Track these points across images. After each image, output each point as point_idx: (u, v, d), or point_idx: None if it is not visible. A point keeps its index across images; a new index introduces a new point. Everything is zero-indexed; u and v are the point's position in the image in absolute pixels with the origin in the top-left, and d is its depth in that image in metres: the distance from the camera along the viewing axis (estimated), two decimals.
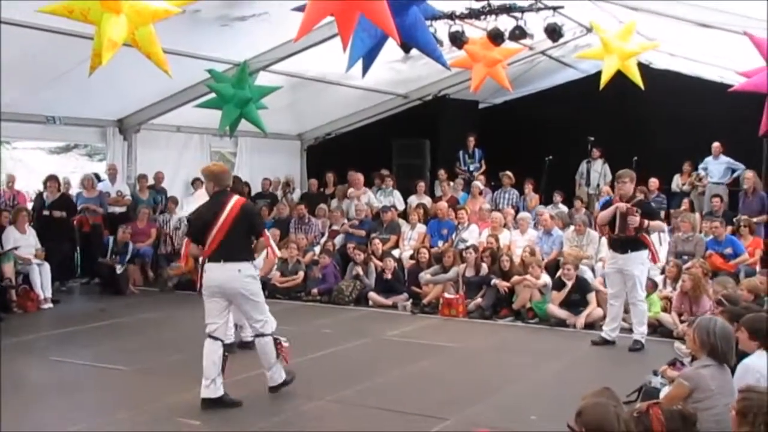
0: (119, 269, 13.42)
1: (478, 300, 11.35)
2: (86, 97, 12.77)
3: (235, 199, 6.86)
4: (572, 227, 12.47)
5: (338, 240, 14.21)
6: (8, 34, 9.86)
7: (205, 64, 11.96)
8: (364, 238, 13.86)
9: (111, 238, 13.76)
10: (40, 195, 14.02)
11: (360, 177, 15.75)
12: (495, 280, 11.34)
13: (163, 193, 15.40)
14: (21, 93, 12.07)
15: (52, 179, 13.72)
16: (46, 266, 12.17)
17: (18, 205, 13.46)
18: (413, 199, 15.40)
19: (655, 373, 6.49)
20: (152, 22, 6.93)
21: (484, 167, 16.32)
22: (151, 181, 15.21)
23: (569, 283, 10.68)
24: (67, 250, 13.65)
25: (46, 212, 13.28)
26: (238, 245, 6.76)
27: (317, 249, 13.63)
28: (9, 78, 11.32)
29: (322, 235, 14.42)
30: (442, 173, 15.99)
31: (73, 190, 15.44)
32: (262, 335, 6.96)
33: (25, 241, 12.29)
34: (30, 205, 14.11)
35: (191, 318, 10.55)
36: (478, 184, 15.26)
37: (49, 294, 12.09)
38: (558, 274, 11.01)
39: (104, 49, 6.52)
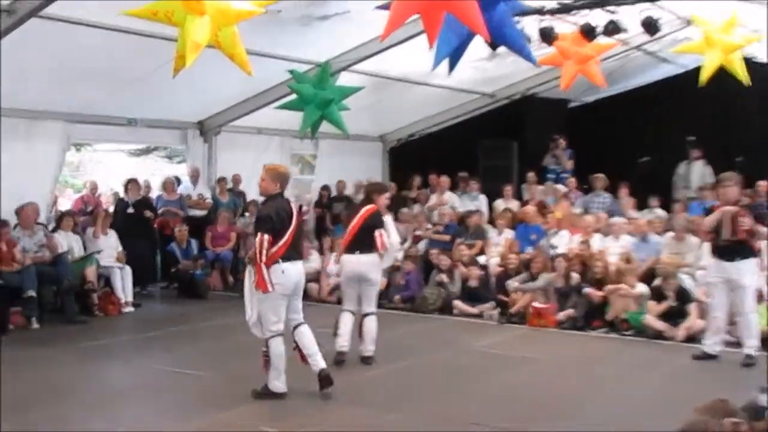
0: (199, 274, 13.72)
1: (569, 310, 11.22)
2: (167, 99, 13.09)
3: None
4: (670, 233, 12.22)
5: (421, 246, 14.22)
6: (92, 38, 10.20)
7: (286, 65, 12.12)
8: (449, 243, 13.84)
9: (193, 242, 14.08)
10: (121, 199, 14.41)
11: (444, 180, 15.74)
12: (587, 289, 11.18)
13: (242, 196, 15.66)
14: (103, 95, 12.43)
15: (132, 182, 14.17)
16: (128, 270, 12.55)
17: (100, 208, 13.92)
18: (500, 203, 15.31)
19: (764, 391, 6.29)
20: (235, 23, 7.07)
21: (572, 167, 16.12)
22: (229, 184, 15.49)
23: (668, 293, 10.45)
24: (147, 252, 14.01)
25: (131, 210, 13.65)
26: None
27: (400, 255, 13.67)
28: (91, 80, 11.73)
29: (405, 240, 14.46)
30: (530, 176, 15.85)
31: (153, 193, 15.86)
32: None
33: (107, 243, 12.72)
34: (111, 209, 14.55)
35: None
36: (562, 187, 15.10)
37: (130, 298, 12.46)
38: (655, 282, 10.79)
39: (188, 51, 6.68)
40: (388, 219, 9.03)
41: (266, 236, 6.97)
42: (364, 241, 8.58)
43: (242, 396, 7.41)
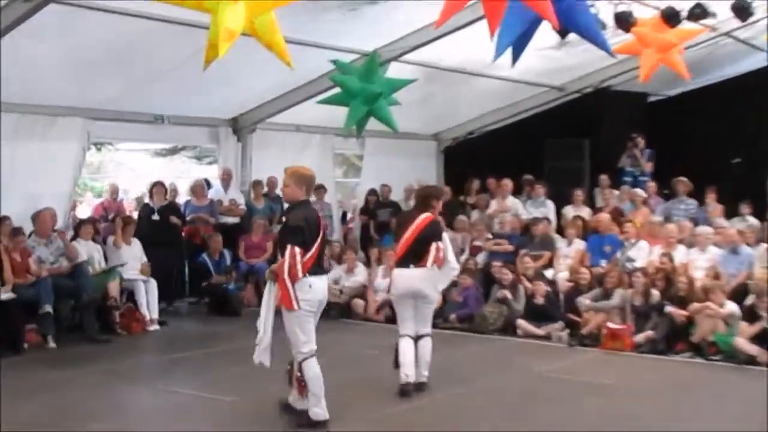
0: (232, 288, 13.84)
1: (649, 331, 11.11)
2: (197, 93, 13.23)
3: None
4: (764, 244, 12.04)
5: (481, 258, 14.19)
6: (112, 24, 10.28)
7: (329, 55, 12.17)
8: (511, 255, 13.79)
9: (225, 252, 14.20)
10: (146, 205, 14.58)
11: (507, 183, 15.71)
12: (669, 308, 11.07)
13: (279, 202, 15.76)
14: (125, 89, 12.59)
15: (158, 185, 14.33)
16: (153, 283, 12.68)
17: (123, 214, 14.10)
18: (569, 210, 15.23)
19: None
20: (273, 9, 7.11)
21: (651, 169, 15.97)
22: (265, 188, 15.60)
23: (762, 313, 10.30)
24: (174, 264, 14.17)
25: (156, 217, 13.81)
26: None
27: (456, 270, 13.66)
28: (112, 72, 11.86)
29: (462, 251, 14.42)
30: (603, 179, 15.73)
31: (181, 198, 16.03)
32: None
33: (130, 253, 12.86)
34: (135, 215, 14.74)
35: None
36: (640, 192, 14.97)
37: (155, 315, 12.59)
38: (747, 301, 10.64)
39: (221, 40, 6.72)
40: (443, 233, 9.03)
41: (297, 249, 7.01)
42: (419, 254, 8.58)
43: (280, 425, 7.45)
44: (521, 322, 12.14)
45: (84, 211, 16.83)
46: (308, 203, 7.44)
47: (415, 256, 8.56)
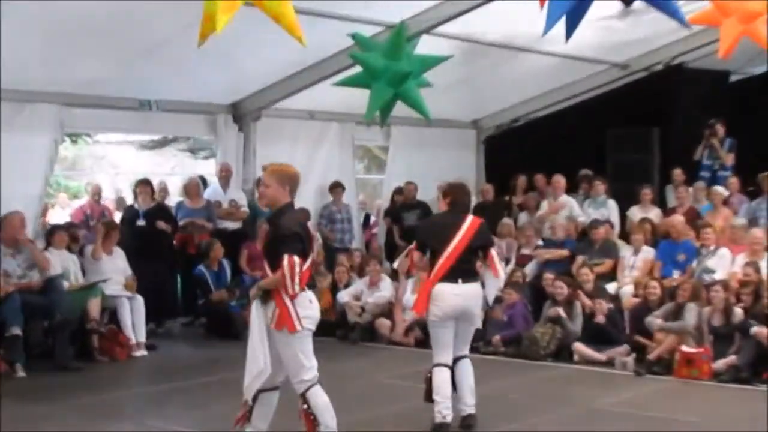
0: (234, 306, 13.86)
1: (731, 356, 11.05)
2: (191, 74, 13.30)
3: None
4: None
5: (530, 268, 14.17)
6: None
7: (347, 27, 12.17)
8: (566, 265, 13.75)
9: (225, 263, 14.24)
10: (130, 207, 14.63)
11: (560, 180, 15.66)
12: (755, 329, 11.01)
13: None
14: (107, 70, 12.66)
15: (143, 184, 14.39)
16: (139, 300, 12.74)
17: (105, 219, 14.13)
18: (635, 212, 15.20)
19: None
20: None
21: (733, 162, 15.88)
22: None
23: None
24: (165, 278, 14.21)
25: (141, 222, 13.87)
26: None
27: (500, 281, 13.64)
28: (90, 50, 11.91)
29: (507, 261, 14.41)
30: (676, 174, 15.66)
31: (172, 199, 16.07)
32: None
33: (112, 265, 12.92)
34: (118, 216, 14.82)
35: (329, 372, 10.70)
36: (721, 189, 14.91)
37: (142, 338, 12.66)
38: None
39: (219, 11, 6.72)
40: None
41: (297, 259, 7.03)
42: (469, 266, 8.65)
43: None
44: (578, 346, 12.11)
45: (57, 216, 16.88)
46: (293, 206, 7.47)
47: (463, 268, 8.57)
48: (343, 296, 14.11)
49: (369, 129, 16.42)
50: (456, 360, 8.69)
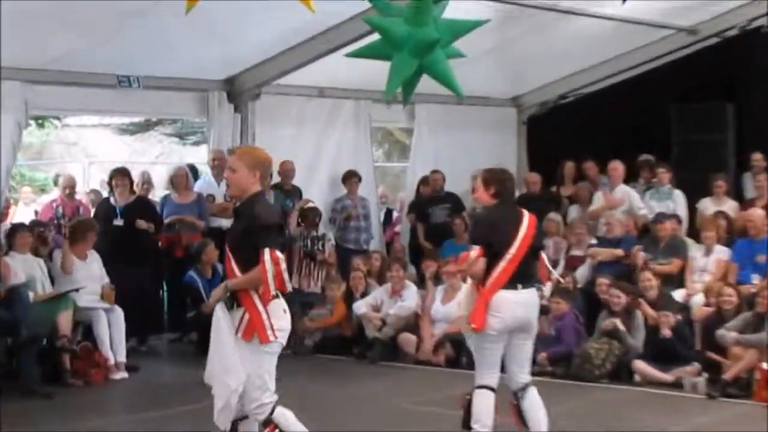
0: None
1: None
2: (178, 46, 13.35)
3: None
4: None
5: (581, 272, 14.16)
6: None
7: None
8: (625, 268, 13.74)
9: (220, 268, 14.23)
10: (105, 201, 14.61)
11: (617, 167, 15.63)
12: None
13: (295, 196, 15.80)
14: (77, 42, 12.69)
15: (120, 175, 14.26)
16: (118, 313, 12.75)
17: (81, 217, 14.11)
18: (707, 204, 15.19)
19: None
20: None
21: None
22: (276, 177, 15.69)
23: None
24: (148, 286, 14.28)
25: (119, 221, 13.86)
26: None
27: (546, 288, 13.62)
28: (63, 20, 11.94)
29: (554, 264, 14.41)
30: (756, 159, 15.62)
31: (156, 193, 16.10)
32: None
33: (86, 272, 12.93)
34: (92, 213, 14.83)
35: (342, 397, 10.77)
36: None
37: (122, 357, 12.66)
38: None
39: None
40: None
41: (279, 254, 7.12)
42: (528, 269, 8.68)
43: None
44: (640, 364, 12.09)
45: (21, 214, 16.91)
46: (265, 196, 7.51)
47: (524, 272, 8.58)
48: (360, 307, 14.10)
49: (389, 108, 16.42)
50: (522, 389, 8.63)
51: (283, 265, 7.07)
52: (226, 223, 14.94)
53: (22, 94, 13.14)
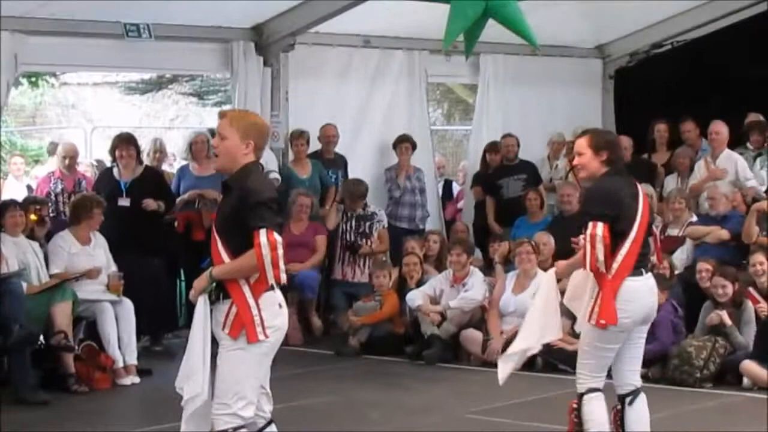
0: None
1: None
2: None
3: None
4: None
5: (679, 256, 14.18)
6: None
7: None
8: (730, 250, 13.77)
9: None
10: (107, 173, 14.59)
11: (721, 130, 15.57)
12: None
13: (339, 167, 15.87)
14: None
15: (124, 143, 14.17)
16: (127, 307, 12.80)
17: (85, 193, 14.08)
18: None
19: None
20: None
21: None
22: (315, 144, 15.80)
23: None
24: (161, 276, 14.44)
25: (124, 201, 13.89)
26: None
27: None
28: None
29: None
30: None
31: (172, 165, 16.18)
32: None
33: (89, 258, 12.91)
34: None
35: (393, 403, 10.85)
36: None
37: (132, 359, 12.72)
38: None
39: None
40: None
41: (277, 237, 6.96)
42: (648, 252, 8.73)
43: None
44: (749, 366, 12.07)
45: (12, 189, 17.00)
46: (261, 168, 7.53)
47: (646, 254, 8.63)
48: (415, 299, 14.00)
49: (449, 61, 16.45)
50: (628, 394, 8.55)
51: (281, 251, 6.92)
52: None
53: (10, 47, 13.19)
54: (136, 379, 12.64)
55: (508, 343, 13.13)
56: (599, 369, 8.42)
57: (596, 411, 8.35)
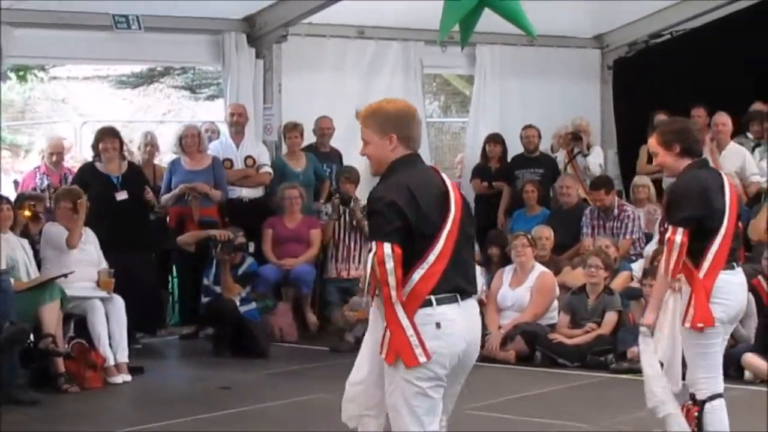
0: (252, 310, 13.92)
1: None
2: None
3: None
4: None
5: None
6: None
7: None
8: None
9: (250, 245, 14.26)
10: (89, 166, 14.36)
11: (724, 121, 15.54)
12: None
13: (333, 161, 15.83)
14: None
15: (109, 136, 14.01)
16: (118, 304, 12.72)
17: (71, 188, 14.03)
18: None
19: None
20: None
21: None
22: (310, 138, 15.79)
23: None
24: (154, 271, 14.42)
25: (122, 195, 13.76)
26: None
27: (635, 266, 13.63)
28: None
29: (647, 238, 14.40)
30: None
31: (163, 158, 16.14)
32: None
33: (79, 254, 12.79)
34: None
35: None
36: None
37: (123, 357, 12.63)
38: None
39: None
40: None
41: (389, 248, 6.21)
42: (738, 245, 8.67)
43: None
44: (750, 358, 12.08)
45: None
46: (416, 162, 6.64)
47: (736, 247, 8.52)
48: None
49: (444, 52, 16.41)
50: (710, 397, 8.31)
51: (390, 264, 6.20)
52: (246, 192, 15.03)
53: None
54: (128, 378, 12.52)
55: (506, 337, 13.21)
56: (714, 369, 8.26)
57: (721, 422, 8.22)
